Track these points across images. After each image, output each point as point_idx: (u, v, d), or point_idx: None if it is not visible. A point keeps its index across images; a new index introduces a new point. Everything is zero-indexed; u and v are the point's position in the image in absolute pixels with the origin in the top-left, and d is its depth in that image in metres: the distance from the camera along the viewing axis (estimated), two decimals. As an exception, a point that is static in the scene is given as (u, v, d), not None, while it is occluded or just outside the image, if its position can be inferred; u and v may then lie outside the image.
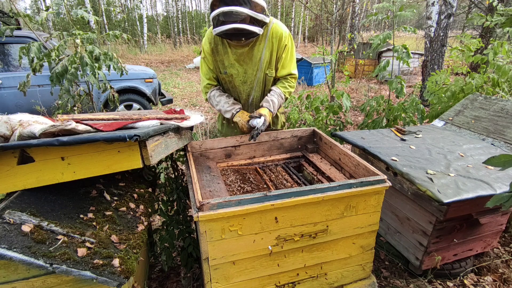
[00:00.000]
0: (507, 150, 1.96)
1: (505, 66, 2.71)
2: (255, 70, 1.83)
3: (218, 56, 1.81)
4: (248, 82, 1.87)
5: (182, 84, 8.88)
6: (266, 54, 1.79)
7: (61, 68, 2.33)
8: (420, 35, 11.50)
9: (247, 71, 1.84)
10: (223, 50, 1.79)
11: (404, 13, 2.83)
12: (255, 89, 1.90)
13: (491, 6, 5.62)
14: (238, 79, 1.86)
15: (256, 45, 1.77)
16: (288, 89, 1.90)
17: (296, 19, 22.05)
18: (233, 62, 1.81)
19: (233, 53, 1.79)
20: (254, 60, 1.80)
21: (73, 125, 1.17)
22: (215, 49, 1.80)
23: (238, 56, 1.79)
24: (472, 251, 1.87)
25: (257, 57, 1.79)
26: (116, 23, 20.61)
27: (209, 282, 1.26)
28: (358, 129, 3.41)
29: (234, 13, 1.51)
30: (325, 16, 9.26)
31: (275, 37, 1.77)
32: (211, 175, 1.63)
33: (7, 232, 0.94)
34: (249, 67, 1.82)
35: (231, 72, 1.84)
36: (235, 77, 1.85)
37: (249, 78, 1.86)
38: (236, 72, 1.84)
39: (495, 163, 0.99)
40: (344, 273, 1.51)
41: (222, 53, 1.80)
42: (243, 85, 1.88)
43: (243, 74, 1.85)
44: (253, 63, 1.81)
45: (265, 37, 1.77)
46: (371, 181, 1.33)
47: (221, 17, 1.52)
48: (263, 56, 1.79)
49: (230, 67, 1.83)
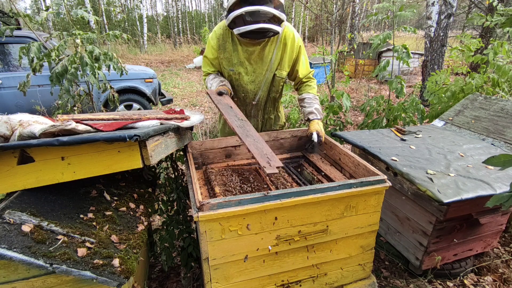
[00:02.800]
0: (507, 150, 1.96)
1: (505, 66, 2.71)
2: (265, 70, 1.83)
3: (224, 53, 1.82)
4: (256, 81, 1.87)
5: (182, 84, 8.88)
6: (278, 55, 1.80)
7: (61, 68, 2.33)
8: (420, 35, 11.50)
9: (256, 70, 1.84)
10: (233, 47, 1.79)
11: (404, 13, 2.82)
12: (262, 89, 1.90)
13: (491, 6, 5.62)
14: (246, 78, 1.86)
15: (267, 45, 1.78)
16: (315, 88, 1.97)
17: (296, 19, 22.05)
18: (243, 60, 1.81)
19: (243, 51, 1.79)
20: (265, 60, 1.81)
21: (73, 125, 1.17)
22: (222, 46, 1.80)
23: (249, 55, 1.79)
24: (472, 251, 1.87)
25: (268, 58, 1.80)
26: (116, 23, 20.61)
27: (209, 282, 1.26)
28: (358, 129, 3.41)
29: (261, 12, 1.52)
30: (325, 16, 9.27)
31: (287, 39, 1.78)
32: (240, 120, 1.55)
33: (7, 232, 0.94)
34: (258, 66, 1.83)
35: (239, 70, 1.84)
36: (243, 75, 1.85)
37: (258, 77, 1.86)
38: (245, 70, 1.84)
39: (495, 163, 0.99)
40: (344, 273, 1.51)
41: (230, 50, 1.80)
42: (250, 84, 1.89)
43: (252, 73, 1.85)
44: (263, 63, 1.82)
45: (277, 38, 1.78)
46: (371, 181, 1.33)
47: (247, 16, 1.53)
48: (274, 57, 1.79)
49: (239, 65, 1.83)
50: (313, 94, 1.92)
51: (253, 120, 2.06)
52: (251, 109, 1.99)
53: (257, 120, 2.06)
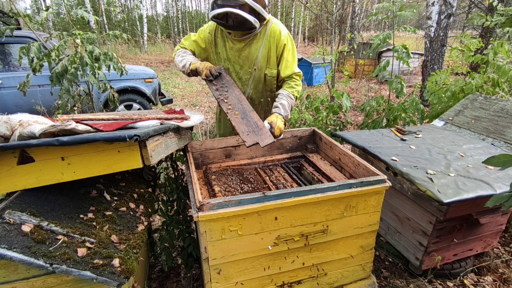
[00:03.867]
0: (507, 150, 1.96)
1: (505, 66, 2.71)
2: (251, 68, 1.84)
3: (216, 48, 1.84)
4: (243, 79, 1.88)
5: (182, 84, 8.88)
6: (264, 52, 1.80)
7: (61, 68, 2.33)
8: (420, 35, 11.49)
9: (242, 67, 1.86)
10: (222, 43, 1.82)
11: (404, 13, 2.82)
12: (250, 87, 1.90)
13: (491, 6, 5.62)
14: (233, 75, 1.88)
15: (253, 43, 1.79)
16: (295, 88, 1.86)
17: (296, 19, 22.04)
18: (230, 56, 1.83)
19: (230, 48, 1.81)
20: (250, 57, 1.82)
21: (73, 125, 1.17)
22: (213, 40, 1.83)
23: (234, 52, 1.81)
24: (472, 251, 1.86)
25: (254, 55, 1.81)
26: (116, 23, 20.60)
27: (209, 282, 1.26)
28: (358, 129, 3.41)
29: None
30: (325, 16, 9.27)
31: (272, 36, 1.78)
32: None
33: (7, 232, 0.94)
34: (245, 63, 1.84)
35: (227, 66, 1.86)
36: (231, 72, 1.87)
37: (244, 75, 1.87)
38: (232, 67, 1.86)
39: (495, 163, 0.99)
40: (344, 273, 1.51)
41: (220, 45, 1.82)
42: (238, 81, 1.90)
43: (238, 70, 1.87)
44: (249, 61, 1.83)
45: (263, 36, 1.78)
46: (371, 181, 1.33)
47: (219, 0, 1.55)
48: (260, 55, 1.80)
49: (227, 61, 1.85)
50: (288, 92, 1.81)
51: None
52: None
53: None
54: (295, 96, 1.85)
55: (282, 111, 1.72)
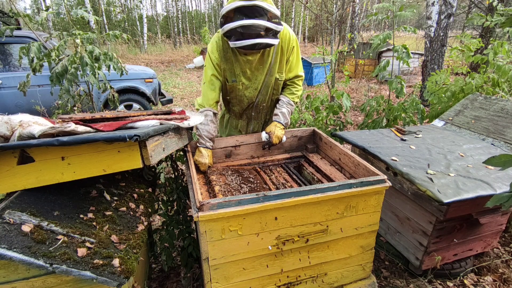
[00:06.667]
0: (507, 150, 1.96)
1: (505, 66, 2.71)
2: (264, 75, 1.81)
3: (227, 64, 1.76)
4: (255, 87, 1.85)
5: (182, 84, 8.88)
6: (276, 58, 1.78)
7: (61, 68, 2.33)
8: (420, 35, 11.49)
9: (257, 77, 1.81)
10: (234, 58, 1.74)
11: (404, 13, 2.82)
12: (262, 93, 1.88)
13: (491, 6, 5.62)
14: (246, 85, 1.83)
15: (266, 51, 1.75)
16: (296, 94, 1.93)
17: (296, 19, 22.04)
18: (245, 70, 1.77)
19: (244, 61, 1.74)
20: (265, 65, 1.78)
21: (72, 127, 1.17)
22: (224, 57, 1.74)
23: (250, 64, 1.76)
24: (472, 251, 1.87)
25: (268, 62, 1.77)
26: (116, 23, 20.61)
27: (209, 282, 1.26)
28: (358, 129, 3.41)
29: (255, 26, 1.48)
30: (325, 16, 9.27)
31: (283, 41, 1.75)
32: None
33: (7, 232, 0.94)
34: (259, 72, 1.80)
35: (242, 80, 1.80)
36: (245, 83, 1.82)
37: (256, 83, 1.84)
38: (247, 79, 1.81)
39: (495, 163, 0.99)
40: (344, 273, 1.51)
41: (232, 61, 1.75)
42: (251, 91, 1.86)
43: (254, 80, 1.82)
44: (263, 69, 1.79)
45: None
46: (371, 181, 1.33)
47: (240, 29, 1.49)
48: (273, 61, 1.77)
49: (241, 75, 1.79)
50: (288, 99, 1.90)
51: (255, 122, 2.06)
52: (252, 112, 1.98)
53: (258, 122, 2.06)
54: (295, 102, 1.94)
55: (282, 119, 1.85)
